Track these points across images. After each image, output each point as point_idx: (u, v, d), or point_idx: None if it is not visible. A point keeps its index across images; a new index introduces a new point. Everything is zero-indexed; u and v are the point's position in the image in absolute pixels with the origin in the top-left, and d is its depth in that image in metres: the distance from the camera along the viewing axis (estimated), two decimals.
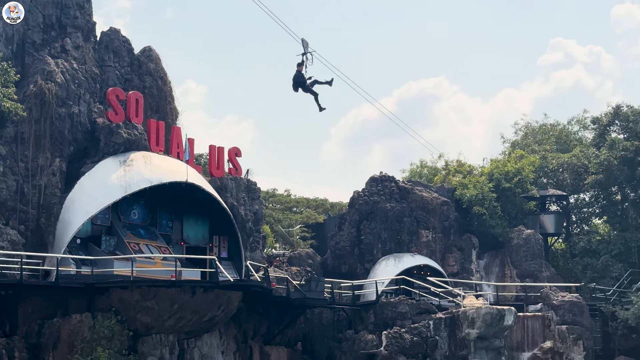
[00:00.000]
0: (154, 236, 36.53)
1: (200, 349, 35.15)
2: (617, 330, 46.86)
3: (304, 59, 28.46)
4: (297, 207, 63.78)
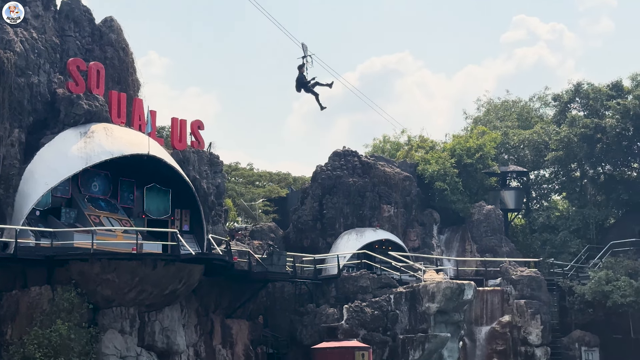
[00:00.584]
0: (115, 209, 36.23)
1: (161, 322, 35.02)
2: (574, 305, 47.61)
3: (304, 61, 30.85)
4: (260, 181, 63.64)
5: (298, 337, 42.75)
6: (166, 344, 35.08)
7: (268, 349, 43.16)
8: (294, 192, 56.86)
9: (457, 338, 42.53)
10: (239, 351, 40.56)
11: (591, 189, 56.43)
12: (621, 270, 46.56)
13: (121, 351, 32.47)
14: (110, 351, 32.10)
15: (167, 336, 35.10)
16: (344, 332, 40.71)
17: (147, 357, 33.67)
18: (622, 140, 53.34)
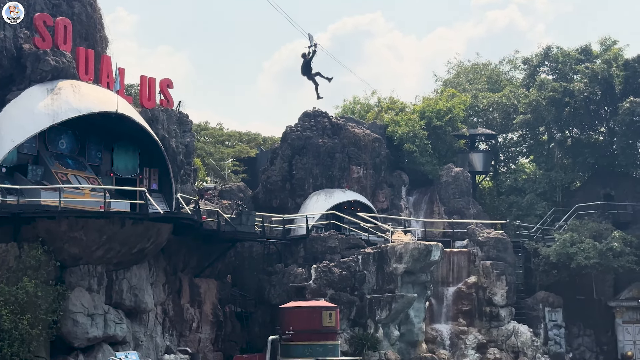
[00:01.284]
0: (82, 167, 35.90)
1: (129, 281, 35.02)
2: (539, 267, 48.29)
3: (310, 51, 36.72)
4: (229, 140, 63.34)
5: (266, 297, 42.99)
6: (134, 302, 35.12)
7: (236, 308, 43.39)
8: (263, 153, 56.73)
9: (423, 298, 43.05)
10: (207, 310, 40.72)
11: (558, 153, 56.98)
12: (585, 232, 47.22)
13: (88, 309, 32.45)
14: (78, 309, 32.08)
15: (135, 294, 35.14)
16: (311, 291, 40.99)
17: (115, 315, 33.70)
18: (589, 104, 53.77)
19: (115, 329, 33.37)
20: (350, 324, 41.01)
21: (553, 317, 47.00)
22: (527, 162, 64.48)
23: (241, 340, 42.30)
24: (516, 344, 45.20)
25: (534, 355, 44.90)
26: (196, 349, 39.23)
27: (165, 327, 38.22)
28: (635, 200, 52.03)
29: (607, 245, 45.47)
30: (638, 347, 47.37)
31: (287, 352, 37.63)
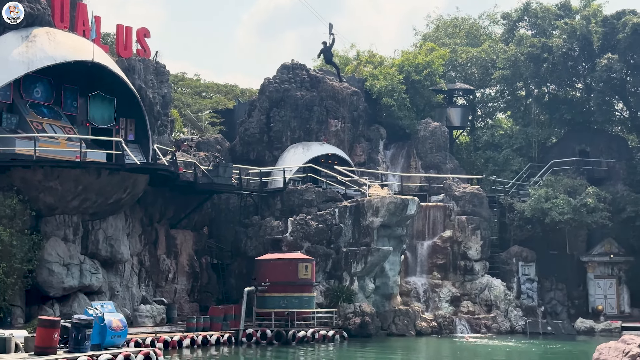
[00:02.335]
0: (58, 116, 35.55)
1: (105, 231, 34.98)
2: (514, 222, 48.68)
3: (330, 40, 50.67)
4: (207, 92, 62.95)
5: (242, 249, 43.13)
6: (110, 252, 35.14)
7: (212, 259, 43.54)
8: (241, 104, 56.42)
9: (399, 252, 43.35)
10: (183, 261, 40.85)
11: (535, 108, 57.14)
12: (560, 188, 47.58)
13: (64, 259, 32.43)
14: (53, 258, 32.05)
15: (111, 245, 35.14)
16: (288, 244, 41.16)
17: (91, 265, 33.71)
18: (567, 60, 53.79)
19: (91, 279, 33.41)
20: (326, 276, 41.29)
21: (526, 272, 47.53)
22: (504, 118, 64.69)
23: (217, 291, 42.53)
24: (489, 297, 45.76)
25: (506, 308, 45.50)
26: (172, 299, 39.42)
27: (142, 277, 38.32)
28: (610, 156, 52.44)
29: (581, 201, 45.88)
30: (609, 301, 48.11)
31: (263, 304, 37.94)
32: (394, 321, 41.72)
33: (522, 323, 44.88)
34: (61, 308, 32.01)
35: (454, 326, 43.55)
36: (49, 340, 22.43)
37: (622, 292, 48.42)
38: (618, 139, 55.12)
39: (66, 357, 22.53)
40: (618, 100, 55.21)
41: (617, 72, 50.51)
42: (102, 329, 24.39)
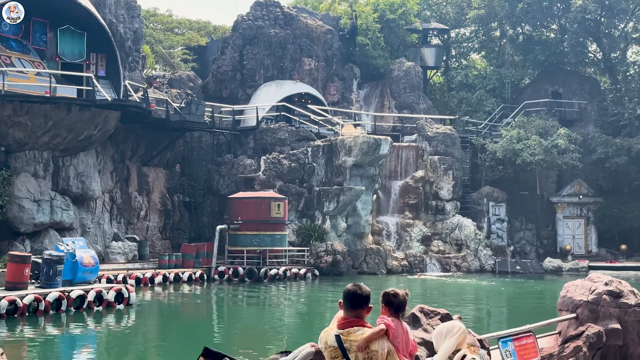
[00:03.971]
0: (27, 50, 34.90)
1: (75, 168, 34.73)
2: (485, 162, 48.95)
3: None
4: (179, 28, 62.00)
5: (215, 187, 43.10)
6: (81, 189, 34.95)
7: (184, 197, 43.49)
8: (214, 42, 55.72)
9: (371, 191, 43.56)
10: (155, 198, 40.76)
11: (509, 49, 57.06)
12: (532, 129, 47.83)
13: (34, 195, 32.22)
14: (23, 194, 31.83)
15: (82, 181, 34.93)
16: (260, 182, 41.17)
17: (62, 201, 33.53)
18: (542, 0, 53.57)
19: (62, 216, 33.27)
20: (298, 215, 41.44)
21: (496, 212, 48.01)
22: (478, 58, 64.56)
23: (189, 229, 42.58)
24: (460, 236, 46.26)
25: (476, 247, 46.06)
26: (144, 236, 39.43)
27: (113, 214, 38.23)
28: (582, 98, 52.69)
29: (552, 142, 46.18)
30: (577, 241, 48.85)
31: (235, 242, 38.07)
32: (366, 260, 42.10)
33: (492, 262, 45.52)
34: (32, 244, 31.93)
35: (424, 265, 44.05)
36: (19, 275, 22.42)
37: (590, 232, 49.16)
38: (590, 81, 55.35)
39: (37, 293, 22.56)
40: (592, 41, 55.28)
41: (592, 13, 50.43)
42: (74, 265, 24.40)
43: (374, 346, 5.16)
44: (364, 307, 5.34)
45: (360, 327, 5.23)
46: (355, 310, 5.29)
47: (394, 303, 5.85)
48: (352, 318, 5.26)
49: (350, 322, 5.24)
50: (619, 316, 11.06)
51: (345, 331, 5.20)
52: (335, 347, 5.18)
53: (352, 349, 5.16)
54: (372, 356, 5.15)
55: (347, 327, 5.23)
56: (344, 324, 5.26)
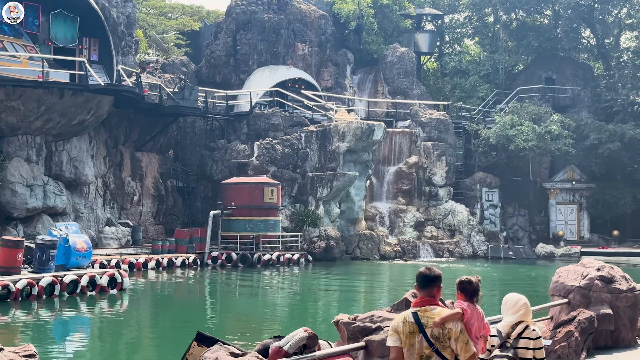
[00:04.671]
0: (19, 34, 34.67)
1: (68, 152, 34.65)
2: (479, 148, 49.00)
3: None
4: (172, 13, 61.73)
5: (208, 172, 43.07)
6: (74, 174, 34.88)
7: (178, 182, 43.45)
8: (207, 26, 55.53)
9: (364, 177, 43.59)
10: (149, 184, 40.72)
11: (503, 35, 56.99)
12: (525, 115, 47.86)
13: (27, 179, 32.16)
14: (16, 179, 31.77)
15: (75, 166, 34.86)
16: (254, 168, 41.16)
17: (55, 186, 33.48)
18: None
19: (55, 200, 33.22)
20: (291, 200, 41.46)
21: (490, 197, 48.12)
22: (472, 44, 64.48)
23: (182, 214, 42.57)
24: (453, 222, 46.36)
25: (469, 233, 46.18)
26: (137, 222, 39.41)
27: (106, 199, 38.19)
28: (576, 84, 52.73)
29: (545, 128, 46.22)
30: (569, 227, 49.01)
31: (229, 227, 38.09)
32: (359, 245, 42.17)
33: (485, 248, 45.65)
34: (25, 229, 31.89)
35: (417, 251, 44.14)
36: (12, 260, 22.40)
37: (583, 218, 49.32)
38: (584, 67, 55.39)
39: (30, 277, 22.55)
40: (585, 27, 55.26)
41: None
42: (67, 250, 24.39)
43: (449, 324, 5.79)
44: (434, 287, 5.93)
45: (435, 306, 5.87)
46: (427, 289, 5.92)
47: (469, 290, 6.48)
48: (426, 297, 5.90)
49: (425, 301, 5.88)
50: (611, 301, 11.12)
51: (422, 309, 5.83)
52: (412, 322, 5.81)
53: (428, 324, 5.79)
54: (447, 333, 5.78)
55: (424, 306, 5.85)
56: (420, 303, 5.90)
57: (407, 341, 5.82)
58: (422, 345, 5.76)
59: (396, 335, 5.89)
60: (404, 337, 5.83)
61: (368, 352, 7.64)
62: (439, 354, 5.74)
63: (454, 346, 5.76)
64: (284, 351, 6.83)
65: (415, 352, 5.77)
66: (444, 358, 5.75)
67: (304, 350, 6.90)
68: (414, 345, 5.78)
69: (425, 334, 5.73)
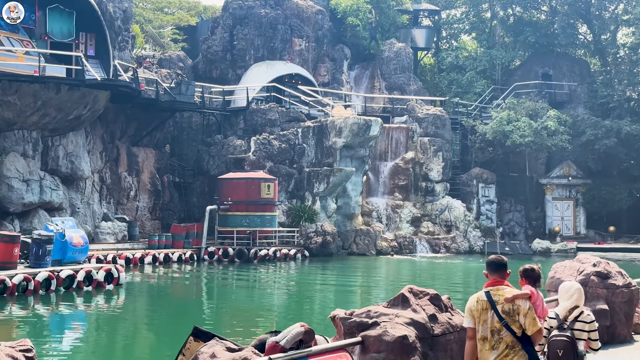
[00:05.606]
0: (16, 28, 34.58)
1: (65, 147, 34.62)
2: (475, 144, 49.01)
3: None
4: (169, 7, 61.67)
5: (205, 167, 43.03)
6: (70, 169, 34.86)
7: (174, 177, 43.42)
8: (204, 21, 55.48)
9: (361, 172, 43.58)
10: (145, 179, 40.68)
11: (500, 30, 57.00)
12: (522, 111, 47.86)
13: (23, 174, 32.13)
14: (12, 174, 31.74)
15: (71, 161, 34.84)
16: (250, 163, 41.14)
17: (51, 181, 33.44)
18: None
19: (51, 195, 33.19)
20: (288, 196, 41.46)
21: (486, 193, 48.14)
22: (469, 40, 64.48)
23: (179, 209, 42.54)
24: (449, 218, 46.37)
25: (465, 229, 46.21)
26: (134, 217, 39.39)
27: (103, 194, 38.17)
28: (572, 80, 52.75)
29: (542, 124, 46.24)
30: (565, 222, 49.07)
31: (225, 222, 38.09)
32: (355, 241, 42.19)
33: (481, 244, 45.69)
34: (21, 224, 31.86)
35: (413, 246, 44.17)
36: (9, 255, 22.39)
37: (579, 214, 49.38)
38: (581, 63, 55.41)
39: (27, 272, 22.54)
40: (582, 23, 55.28)
41: None
42: (63, 245, 24.39)
43: (518, 302, 6.54)
44: (503, 271, 6.78)
45: (505, 286, 6.69)
46: (498, 272, 6.75)
47: (532, 276, 7.40)
48: (497, 279, 6.72)
49: (496, 282, 6.70)
50: (607, 297, 11.15)
51: (494, 288, 6.66)
52: (485, 301, 6.63)
53: (499, 302, 6.57)
54: (516, 309, 6.53)
55: (495, 286, 6.68)
56: (492, 284, 6.72)
57: (480, 317, 6.62)
58: (493, 320, 6.54)
59: (470, 317, 6.70)
60: (477, 313, 6.64)
61: (364, 347, 7.64)
62: (508, 327, 6.50)
63: (522, 321, 6.49)
64: (280, 346, 6.83)
65: (487, 327, 6.56)
66: (512, 331, 6.50)
67: (300, 346, 6.90)
68: (486, 320, 6.57)
69: (496, 310, 6.52)
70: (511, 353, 6.48)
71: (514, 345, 6.49)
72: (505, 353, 6.49)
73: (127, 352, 16.84)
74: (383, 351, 7.40)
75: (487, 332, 6.55)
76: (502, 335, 6.49)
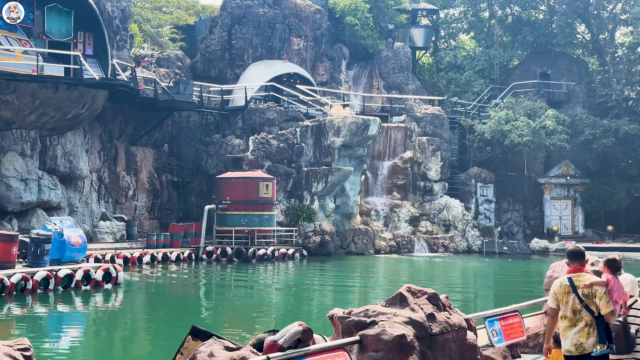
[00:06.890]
0: (14, 27, 34.57)
1: (63, 147, 34.60)
2: (474, 143, 49.04)
3: None
4: (167, 7, 61.62)
5: (203, 167, 43.02)
6: (68, 168, 34.85)
7: (173, 177, 43.41)
8: (202, 21, 55.46)
9: (359, 172, 43.58)
10: (144, 178, 40.67)
11: (498, 30, 57.03)
12: (520, 110, 47.89)
13: (22, 174, 32.12)
14: (11, 173, 31.72)
15: (69, 161, 34.82)
16: (249, 162, 41.13)
17: (49, 180, 33.43)
18: None
19: (49, 195, 33.18)
20: (286, 195, 41.46)
21: (484, 192, 48.15)
22: (467, 39, 64.51)
23: (177, 209, 42.54)
24: (448, 217, 46.38)
25: (464, 228, 46.22)
26: (132, 216, 39.38)
27: (101, 194, 38.16)
28: (571, 79, 52.79)
29: (540, 123, 46.27)
30: (564, 222, 49.10)
31: (224, 222, 38.08)
32: (354, 240, 42.19)
33: (479, 243, 45.69)
34: (19, 223, 31.84)
35: (412, 245, 44.16)
36: (7, 254, 22.38)
37: (577, 213, 49.42)
38: (579, 62, 55.44)
39: (25, 272, 22.53)
40: (580, 23, 55.30)
41: None
42: (61, 244, 24.37)
43: (595, 287, 7.63)
44: (582, 259, 7.90)
45: (585, 273, 7.80)
46: (578, 261, 7.86)
47: (614, 266, 8.03)
48: (577, 267, 7.84)
49: (577, 269, 7.83)
50: None
51: (575, 275, 7.78)
52: (567, 285, 7.73)
53: (580, 286, 7.68)
54: (594, 292, 7.62)
55: (576, 272, 7.79)
56: (573, 271, 7.83)
57: (563, 299, 7.75)
58: (575, 301, 7.67)
59: (554, 298, 7.82)
60: (561, 296, 7.77)
61: (362, 347, 7.64)
62: (587, 308, 7.64)
63: (598, 303, 7.61)
64: (278, 345, 6.83)
65: (569, 307, 7.69)
66: (590, 311, 7.63)
67: (298, 345, 6.90)
68: (568, 302, 7.70)
69: (577, 293, 7.65)
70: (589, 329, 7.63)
71: (592, 324, 7.63)
72: (584, 330, 7.64)
73: (126, 351, 16.84)
74: (381, 350, 7.39)
75: (568, 312, 7.71)
76: (582, 315, 7.66)
